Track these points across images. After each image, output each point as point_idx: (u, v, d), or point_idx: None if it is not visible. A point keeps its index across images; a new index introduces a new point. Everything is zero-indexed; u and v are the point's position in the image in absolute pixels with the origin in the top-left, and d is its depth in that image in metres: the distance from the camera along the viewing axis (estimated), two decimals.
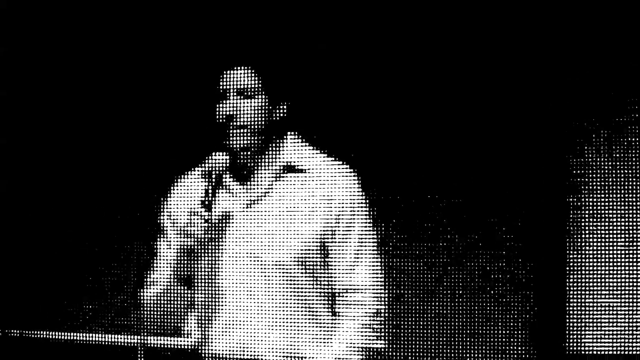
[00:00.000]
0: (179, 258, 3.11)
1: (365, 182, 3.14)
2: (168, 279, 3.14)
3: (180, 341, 3.55)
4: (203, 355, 3.18)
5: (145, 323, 3.24)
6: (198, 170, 3.22)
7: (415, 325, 3.19)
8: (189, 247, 3.09)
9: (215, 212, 3.12)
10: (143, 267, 3.33)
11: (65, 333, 3.74)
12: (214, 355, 3.15)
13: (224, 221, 3.15)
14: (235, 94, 3.12)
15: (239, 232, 3.15)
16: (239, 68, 3.12)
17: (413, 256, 3.24)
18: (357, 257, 3.10)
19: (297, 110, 3.21)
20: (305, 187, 3.13)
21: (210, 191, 3.09)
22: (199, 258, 3.15)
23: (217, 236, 3.15)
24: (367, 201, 3.13)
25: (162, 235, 3.24)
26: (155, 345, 3.60)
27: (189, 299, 3.18)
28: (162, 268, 3.19)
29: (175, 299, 3.17)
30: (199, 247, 3.11)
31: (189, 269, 3.14)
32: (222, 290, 3.15)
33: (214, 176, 3.10)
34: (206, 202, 3.08)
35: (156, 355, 3.61)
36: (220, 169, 3.11)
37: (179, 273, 3.13)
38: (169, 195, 3.28)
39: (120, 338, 3.63)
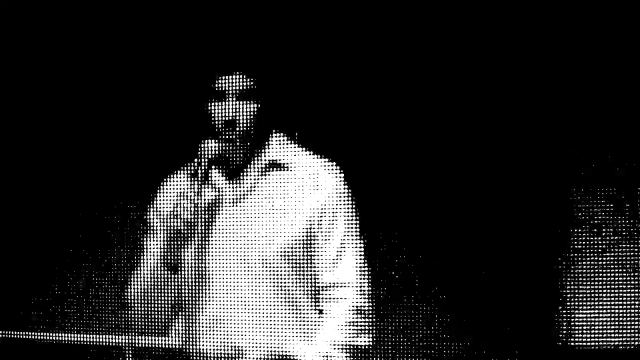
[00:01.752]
0: (167, 242, 3.11)
1: (350, 178, 3.15)
2: (154, 266, 3.14)
3: (168, 340, 3.55)
4: (189, 353, 3.18)
5: (133, 322, 3.24)
6: (185, 171, 3.24)
7: (401, 322, 3.19)
8: (177, 230, 3.10)
9: (202, 200, 3.14)
10: (130, 266, 3.33)
11: (51, 334, 3.74)
12: (199, 353, 3.15)
13: (210, 212, 3.17)
14: (226, 95, 3.14)
15: (224, 228, 3.16)
16: (227, 70, 3.14)
17: (398, 252, 3.25)
18: (341, 253, 3.10)
19: (282, 109, 3.22)
20: (290, 184, 3.14)
21: (200, 177, 3.10)
22: (187, 243, 3.15)
23: (203, 224, 3.16)
24: (352, 197, 3.14)
25: (150, 234, 3.25)
26: (143, 345, 3.60)
27: (174, 294, 3.18)
28: (148, 262, 3.19)
29: (163, 296, 3.17)
30: (188, 230, 3.11)
31: (176, 255, 3.14)
32: (207, 286, 3.15)
33: (204, 164, 3.11)
34: (195, 187, 3.09)
35: (144, 355, 3.61)
36: (208, 161, 3.13)
37: (167, 258, 3.13)
38: (156, 194, 3.29)
39: (108, 338, 3.63)
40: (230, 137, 3.13)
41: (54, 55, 3.85)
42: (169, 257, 3.13)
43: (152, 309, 3.19)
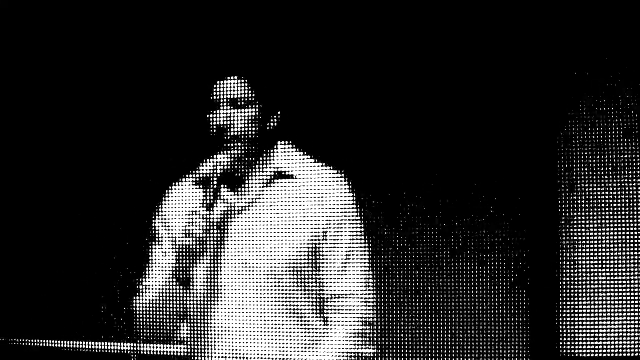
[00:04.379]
0: (179, 258, 3.11)
1: (356, 188, 3.15)
2: (166, 280, 3.14)
3: (174, 349, 3.55)
4: None
5: (139, 330, 3.24)
6: (191, 179, 3.24)
7: (405, 332, 3.18)
8: (189, 247, 3.09)
9: (214, 214, 3.13)
10: (136, 275, 3.33)
11: (57, 341, 3.74)
12: None
13: (221, 226, 3.16)
14: (228, 104, 3.14)
15: (231, 238, 3.16)
16: (231, 78, 3.14)
17: (404, 262, 3.24)
18: (348, 263, 3.10)
19: (288, 118, 3.22)
20: (296, 193, 3.14)
21: (212, 192, 3.10)
22: (199, 259, 3.15)
23: (214, 239, 3.16)
24: (358, 207, 3.14)
25: (156, 243, 3.25)
26: (149, 353, 3.60)
27: (183, 306, 3.18)
28: (157, 273, 3.19)
29: (169, 305, 3.17)
30: (199, 247, 3.10)
31: (188, 270, 3.14)
32: (215, 297, 3.15)
33: (216, 179, 3.11)
34: (206, 203, 3.09)
35: None
36: (218, 175, 3.13)
37: (178, 274, 3.13)
38: (162, 203, 3.29)
39: (113, 346, 3.64)
40: (235, 146, 3.13)
41: (55, 60, 3.86)
42: (180, 274, 3.13)
43: (163, 320, 3.19)
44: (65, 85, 3.84)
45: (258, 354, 3.10)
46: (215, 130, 3.13)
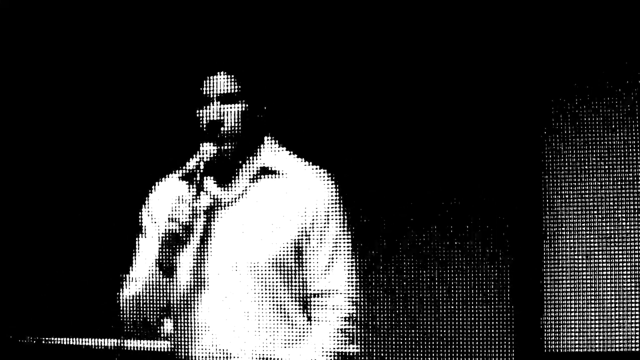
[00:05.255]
0: (162, 244, 3.11)
1: (340, 186, 3.15)
2: (150, 268, 3.13)
3: (157, 344, 3.55)
4: (178, 356, 3.18)
5: (124, 324, 3.23)
6: (178, 173, 3.24)
7: (389, 329, 3.19)
8: (174, 234, 3.09)
9: (199, 204, 3.13)
10: (121, 269, 3.33)
11: (41, 337, 3.74)
12: (188, 357, 3.15)
13: (206, 217, 3.17)
14: (216, 99, 3.14)
15: (216, 233, 3.16)
16: (219, 74, 3.14)
17: (388, 259, 3.25)
18: (332, 260, 3.10)
19: (274, 115, 3.22)
20: (281, 190, 3.14)
21: (197, 182, 3.10)
22: (182, 246, 3.14)
23: (198, 228, 3.16)
24: (343, 205, 3.14)
25: (142, 237, 3.25)
26: (133, 349, 3.60)
27: (166, 298, 3.18)
28: (142, 262, 3.19)
29: (153, 297, 3.17)
30: (184, 234, 3.10)
31: (171, 257, 3.13)
32: (200, 291, 3.15)
33: (201, 167, 3.11)
34: (192, 192, 3.09)
35: (134, 358, 3.61)
36: (202, 168, 3.13)
37: (162, 261, 3.12)
38: (149, 197, 3.29)
39: (97, 342, 3.64)
40: (221, 140, 3.13)
41: (50, 57, 3.85)
42: (163, 261, 3.12)
43: (145, 312, 3.19)
44: (56, 81, 3.84)
45: (241, 350, 3.10)
46: (204, 126, 3.13)
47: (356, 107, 3.39)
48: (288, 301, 3.11)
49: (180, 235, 3.08)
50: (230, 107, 3.13)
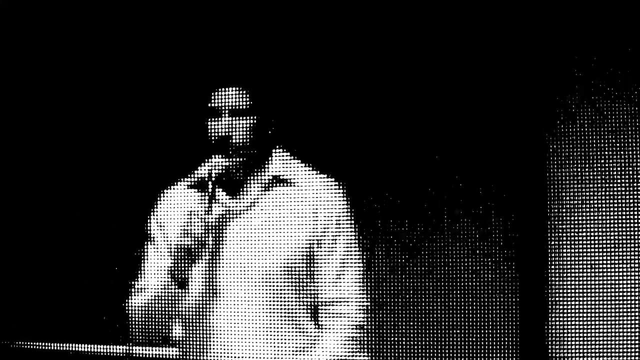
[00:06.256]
0: (176, 258, 3.12)
1: (351, 194, 3.17)
2: (163, 281, 3.14)
3: (167, 351, 3.56)
4: None
5: (133, 332, 3.24)
6: (186, 181, 3.25)
7: (399, 338, 3.20)
8: (187, 247, 3.10)
9: (212, 217, 3.14)
10: (129, 276, 3.34)
11: (48, 343, 3.74)
12: None
13: (218, 228, 3.18)
14: (227, 112, 3.15)
15: (228, 241, 3.17)
16: (231, 88, 3.15)
17: (398, 268, 3.26)
18: (342, 269, 3.12)
19: (284, 125, 3.24)
20: (293, 199, 3.16)
21: (208, 195, 3.11)
22: (197, 260, 3.15)
23: (212, 240, 3.17)
24: (353, 214, 3.16)
25: (150, 244, 3.26)
26: (142, 356, 3.61)
27: (179, 307, 3.19)
28: (153, 274, 3.20)
29: (166, 306, 3.18)
30: (197, 247, 3.11)
31: (185, 271, 3.14)
32: (210, 299, 3.16)
33: (211, 182, 3.12)
34: (204, 205, 3.10)
35: None
36: (214, 178, 3.14)
37: (175, 274, 3.13)
38: (157, 204, 3.30)
39: (106, 348, 3.64)
40: (232, 152, 3.14)
41: (55, 62, 3.85)
42: (177, 274, 3.13)
43: (159, 321, 3.19)
44: (65, 87, 3.84)
45: (252, 357, 3.12)
46: (213, 138, 3.15)
47: (364, 115, 3.40)
48: (299, 309, 3.13)
49: (194, 249, 3.09)
50: (240, 121, 3.14)
